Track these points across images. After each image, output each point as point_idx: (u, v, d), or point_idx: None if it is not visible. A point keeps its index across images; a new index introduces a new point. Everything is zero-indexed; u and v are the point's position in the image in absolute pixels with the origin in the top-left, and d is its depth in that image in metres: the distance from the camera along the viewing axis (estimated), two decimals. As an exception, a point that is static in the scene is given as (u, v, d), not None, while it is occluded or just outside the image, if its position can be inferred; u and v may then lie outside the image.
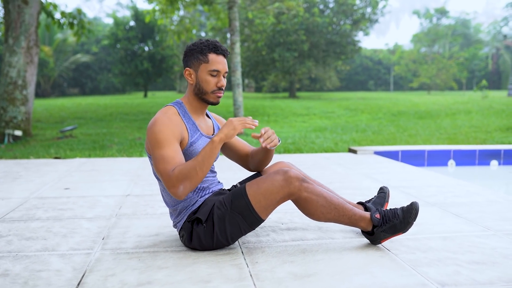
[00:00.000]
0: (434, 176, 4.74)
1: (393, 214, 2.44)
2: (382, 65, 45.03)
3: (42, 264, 2.23)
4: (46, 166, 5.47)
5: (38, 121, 12.44)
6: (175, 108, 2.38)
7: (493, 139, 8.61)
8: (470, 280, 2.05)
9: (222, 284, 1.99)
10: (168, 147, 2.21)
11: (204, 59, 2.35)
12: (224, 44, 24.44)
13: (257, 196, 2.29)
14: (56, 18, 10.23)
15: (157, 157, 2.21)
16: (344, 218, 2.41)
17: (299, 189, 2.30)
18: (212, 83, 2.36)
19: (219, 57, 2.36)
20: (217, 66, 2.35)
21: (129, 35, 27.56)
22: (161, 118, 2.28)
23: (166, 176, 2.17)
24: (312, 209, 2.36)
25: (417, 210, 2.40)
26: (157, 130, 2.24)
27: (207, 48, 2.35)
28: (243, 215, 2.31)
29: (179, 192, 2.17)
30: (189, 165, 2.18)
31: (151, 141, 2.25)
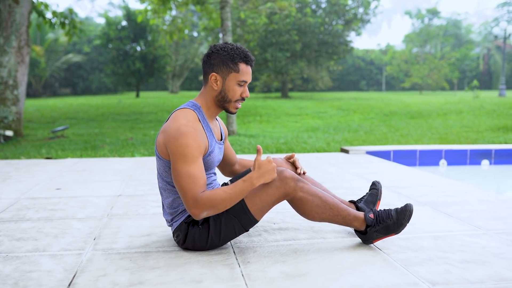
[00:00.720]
0: (426, 175, 4.75)
1: (387, 214, 2.44)
2: (374, 65, 45.20)
3: (33, 264, 2.22)
4: (37, 166, 5.44)
5: (30, 121, 12.37)
6: (195, 113, 2.32)
7: (484, 139, 8.66)
8: (461, 279, 2.06)
9: (213, 284, 1.99)
10: (195, 164, 2.17)
11: (235, 68, 2.29)
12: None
13: (253, 198, 2.29)
14: (47, 17, 10.18)
15: (180, 172, 2.16)
16: (338, 218, 2.41)
17: (294, 189, 2.31)
18: (238, 93, 2.33)
19: (248, 67, 2.33)
20: (246, 77, 2.32)
21: (121, 35, 27.50)
22: (188, 129, 2.19)
23: (191, 197, 2.14)
24: (307, 209, 2.36)
25: (411, 212, 2.40)
26: (184, 143, 2.16)
27: (239, 57, 2.29)
28: (239, 217, 2.31)
29: (201, 215, 2.17)
30: (221, 196, 2.16)
31: (175, 153, 2.18)
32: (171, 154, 2.20)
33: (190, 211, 2.16)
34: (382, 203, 3.35)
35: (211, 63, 2.31)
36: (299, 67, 26.29)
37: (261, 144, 7.81)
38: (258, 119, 13.45)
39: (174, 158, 2.18)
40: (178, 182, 2.17)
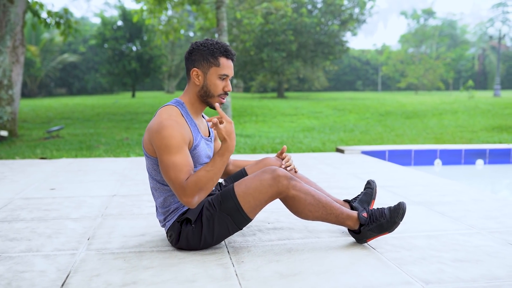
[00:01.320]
0: (420, 175, 4.77)
1: (380, 213, 2.45)
2: (370, 65, 45.27)
3: (26, 265, 2.21)
4: (31, 166, 5.43)
5: (24, 121, 12.33)
6: (177, 108, 2.33)
7: (478, 138, 8.68)
8: (453, 277, 2.07)
9: (207, 283, 1.99)
10: (180, 154, 2.18)
11: (215, 62, 2.31)
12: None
13: (246, 196, 2.29)
14: (42, 17, 10.14)
15: (167, 164, 2.17)
16: (331, 216, 2.41)
17: (287, 187, 2.31)
18: (220, 87, 2.34)
19: (228, 61, 2.34)
20: (227, 71, 2.33)
21: (117, 35, 27.47)
22: (170, 122, 2.20)
23: (179, 185, 2.15)
24: (300, 208, 2.37)
25: (404, 210, 2.41)
26: (167, 135, 2.18)
27: (219, 51, 2.31)
28: (232, 216, 2.31)
29: (193, 202, 2.17)
30: (205, 176, 2.17)
31: (159, 146, 2.19)
32: (156, 149, 2.22)
33: (182, 200, 2.17)
34: (376, 202, 3.36)
35: (192, 59, 2.34)
36: (295, 67, 26.30)
37: (256, 144, 7.81)
38: (254, 119, 13.44)
39: (159, 151, 2.20)
40: (166, 174, 2.18)
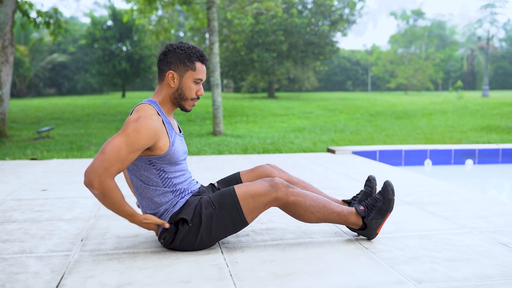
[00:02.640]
0: (411, 175, 4.80)
1: (374, 200, 2.55)
2: (360, 65, 45.46)
3: (20, 266, 2.21)
4: (22, 167, 5.40)
5: (14, 122, 12.25)
6: (154, 107, 2.35)
7: (468, 138, 8.76)
8: (445, 277, 2.09)
9: (202, 284, 2.00)
10: (130, 149, 2.17)
11: (191, 67, 2.35)
12: (203, 45, 24.37)
13: (245, 197, 2.34)
14: (31, 17, 10.09)
15: (115, 143, 2.15)
16: (333, 215, 2.46)
17: (286, 194, 2.37)
18: (194, 91, 2.39)
19: (203, 66, 2.40)
20: (202, 75, 2.38)
21: (107, 35, 27.35)
22: (146, 122, 2.21)
23: (104, 168, 2.11)
24: (301, 211, 2.41)
25: (391, 186, 2.54)
26: (135, 127, 2.18)
27: (195, 55, 2.36)
28: (231, 215, 2.34)
29: (90, 188, 2.13)
30: (117, 199, 2.18)
31: (123, 129, 2.20)
32: (122, 128, 2.22)
33: (90, 175, 2.11)
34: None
35: (168, 61, 2.36)
36: (286, 67, 26.36)
37: (248, 144, 7.82)
38: (245, 119, 13.45)
39: (119, 132, 2.21)
40: (105, 148, 2.15)
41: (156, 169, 2.33)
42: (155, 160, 2.31)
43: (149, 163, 2.32)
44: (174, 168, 2.38)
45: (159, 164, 2.33)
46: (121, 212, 2.24)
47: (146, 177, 2.35)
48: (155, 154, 2.29)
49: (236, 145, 7.72)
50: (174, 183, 2.38)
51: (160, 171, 2.34)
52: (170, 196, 2.38)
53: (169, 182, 2.37)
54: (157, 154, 2.29)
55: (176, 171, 2.40)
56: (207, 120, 12.81)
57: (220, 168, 5.25)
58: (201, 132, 10.15)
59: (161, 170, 2.34)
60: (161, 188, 2.36)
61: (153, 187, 2.35)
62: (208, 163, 5.71)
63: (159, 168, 2.33)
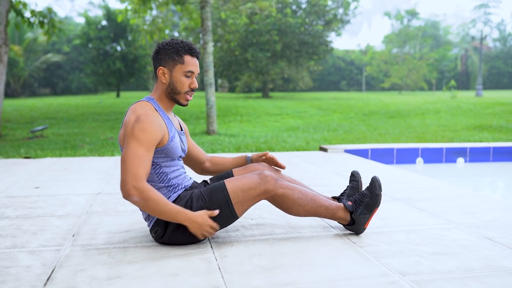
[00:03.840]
0: (401, 173, 4.85)
1: (361, 195, 2.60)
2: (354, 65, 45.59)
3: (11, 260, 2.24)
4: (16, 165, 5.42)
5: (8, 122, 12.24)
6: (151, 104, 2.40)
7: (460, 137, 8.82)
8: (430, 269, 2.13)
9: (190, 277, 2.03)
10: (146, 148, 2.22)
11: (179, 60, 2.39)
12: (197, 44, 24.38)
13: (235, 190, 2.38)
14: (26, 16, 10.08)
15: (131, 151, 2.20)
16: (321, 209, 2.52)
17: (275, 187, 2.41)
18: (186, 84, 2.41)
19: (193, 59, 2.42)
20: (192, 68, 2.41)
21: (101, 35, 27.32)
22: (146, 118, 2.26)
23: (133, 175, 2.16)
24: (290, 203, 2.46)
25: (379, 181, 2.58)
26: (141, 127, 2.23)
27: (183, 49, 2.39)
28: (221, 208, 2.38)
29: (130, 197, 2.16)
30: (160, 201, 2.18)
31: (131, 135, 2.23)
32: (126, 137, 2.25)
33: (125, 186, 2.15)
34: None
35: (159, 59, 2.42)
36: (280, 67, 26.41)
37: (241, 143, 7.86)
38: (239, 118, 13.49)
39: (128, 139, 2.24)
40: (124, 158, 2.19)
41: (152, 163, 2.37)
42: (154, 154, 2.36)
43: None
44: (170, 163, 2.43)
45: (156, 159, 2.38)
46: (169, 211, 2.22)
47: None
48: (156, 147, 2.35)
49: (229, 144, 7.75)
50: (169, 178, 2.43)
51: (155, 165, 2.39)
52: (164, 191, 2.43)
53: (164, 177, 2.42)
54: (157, 147, 2.35)
55: (172, 166, 2.45)
56: (201, 119, 12.84)
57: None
58: (195, 131, 10.18)
59: (157, 165, 2.39)
60: (156, 184, 2.41)
61: (149, 182, 2.40)
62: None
63: (155, 162, 2.38)
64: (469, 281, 2.01)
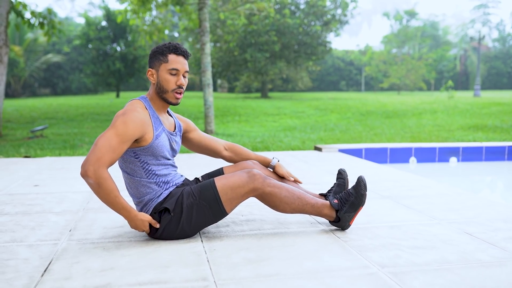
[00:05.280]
0: (392, 171, 4.96)
1: (347, 194, 2.69)
2: (353, 65, 45.67)
3: (10, 253, 2.35)
4: (15, 164, 5.53)
5: (8, 121, 12.36)
6: (142, 102, 2.53)
7: (454, 137, 8.93)
8: (408, 262, 2.25)
9: (180, 268, 2.15)
10: (121, 141, 2.33)
11: (164, 59, 2.50)
12: (196, 45, 24.43)
13: (224, 188, 2.50)
14: (26, 17, 10.20)
15: (106, 136, 2.32)
16: (307, 206, 2.63)
17: (263, 185, 2.52)
18: (172, 82, 2.51)
19: (178, 57, 2.52)
20: (176, 65, 2.51)
21: (101, 35, 27.43)
22: (131, 114, 2.39)
23: (97, 158, 2.27)
24: (277, 201, 2.57)
25: (364, 181, 2.66)
26: (122, 120, 2.35)
27: (168, 49, 2.51)
28: (210, 205, 2.50)
29: (86, 178, 2.28)
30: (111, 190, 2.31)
31: (113, 123, 2.36)
32: (110, 124, 2.39)
33: (85, 165, 2.27)
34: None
35: (149, 62, 2.56)
36: (279, 67, 26.53)
37: (238, 142, 7.96)
38: (237, 118, 13.60)
39: (109, 127, 2.37)
40: (97, 141, 2.32)
41: (139, 161, 2.49)
42: (139, 152, 2.47)
43: (134, 156, 2.48)
44: (157, 161, 2.53)
45: (143, 157, 2.49)
46: (116, 203, 2.36)
47: (131, 169, 2.51)
48: (139, 146, 2.46)
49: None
50: (157, 175, 2.54)
51: (143, 163, 2.50)
52: (154, 187, 2.53)
53: (152, 174, 2.53)
54: (142, 145, 2.46)
55: (160, 164, 2.55)
56: (199, 119, 12.95)
57: (208, 164, 5.40)
58: (193, 131, 10.27)
59: (145, 162, 2.50)
60: (145, 179, 2.52)
61: (138, 178, 2.51)
62: (197, 160, 5.85)
63: (142, 161, 2.49)
64: (443, 272, 2.12)
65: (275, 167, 2.91)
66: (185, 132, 2.84)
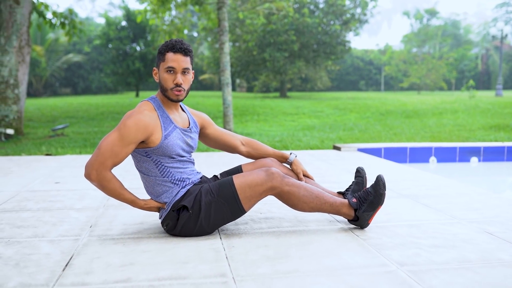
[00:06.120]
0: (411, 171, 4.93)
1: (366, 193, 2.68)
2: (373, 65, 45.36)
3: (33, 248, 2.40)
4: (37, 162, 5.62)
5: (30, 120, 12.54)
6: (150, 103, 2.54)
7: (475, 137, 8.82)
8: (427, 260, 2.23)
9: (198, 265, 2.16)
10: (124, 145, 2.38)
11: (162, 58, 2.52)
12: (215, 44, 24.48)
13: (242, 186, 2.50)
14: (47, 18, 10.35)
15: (110, 139, 2.38)
16: (326, 205, 2.62)
17: (281, 183, 2.52)
18: (170, 80, 2.51)
19: (176, 55, 2.49)
20: (171, 64, 2.49)
21: (121, 35, 27.64)
22: (136, 116, 2.42)
23: (100, 162, 2.36)
24: (295, 200, 2.57)
25: (383, 180, 2.64)
26: (126, 123, 2.39)
27: (166, 47, 2.51)
28: (228, 203, 2.51)
29: (90, 180, 2.42)
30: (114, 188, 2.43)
31: (119, 125, 2.41)
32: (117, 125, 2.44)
33: (88, 168, 2.39)
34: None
35: (155, 61, 2.59)
36: (297, 67, 26.45)
37: (256, 142, 7.97)
38: (256, 118, 13.61)
39: (114, 129, 2.42)
40: (101, 144, 2.39)
41: (152, 160, 2.51)
42: (150, 152, 2.50)
43: (146, 155, 2.51)
44: (170, 160, 2.54)
45: (154, 156, 2.51)
46: (121, 199, 2.48)
47: (146, 168, 2.54)
48: (149, 147, 2.48)
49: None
50: (173, 173, 2.55)
51: (157, 162, 2.52)
52: (170, 185, 2.55)
53: (167, 173, 2.54)
54: (151, 146, 2.48)
55: (174, 162, 2.56)
56: (218, 118, 12.99)
57: (226, 163, 5.42)
58: (212, 130, 10.31)
59: (158, 161, 2.52)
60: (160, 178, 2.54)
61: (152, 177, 2.54)
62: (216, 159, 5.88)
63: (155, 160, 2.51)
64: (463, 271, 2.10)
65: (292, 164, 2.90)
66: (201, 127, 2.84)
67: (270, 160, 2.87)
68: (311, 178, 2.93)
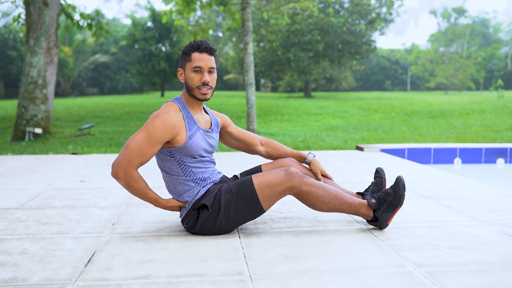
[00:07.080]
0: (434, 171, 4.89)
1: (385, 194, 2.68)
2: (399, 65, 44.85)
3: (57, 244, 2.47)
4: (63, 161, 5.74)
5: (58, 120, 12.79)
6: (176, 103, 2.59)
7: (502, 138, 8.69)
8: (446, 262, 2.22)
9: (217, 263, 2.20)
10: (151, 144, 2.43)
11: (188, 58, 2.57)
12: (239, 44, 24.55)
13: (262, 185, 2.53)
14: (75, 19, 10.55)
15: (137, 139, 2.43)
16: (345, 205, 2.63)
17: (300, 183, 2.54)
18: (196, 79, 2.56)
19: (202, 54, 2.55)
20: (198, 63, 2.55)
21: (147, 36, 27.93)
22: (163, 116, 2.47)
23: (127, 162, 2.41)
24: (313, 200, 2.58)
25: (403, 182, 2.65)
26: (153, 123, 2.45)
27: (191, 48, 2.56)
28: (247, 202, 2.54)
29: (116, 179, 2.45)
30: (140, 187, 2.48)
31: (146, 125, 2.46)
32: (144, 125, 2.49)
33: (116, 167, 2.42)
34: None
35: (180, 62, 2.64)
36: (322, 66, 26.34)
37: (279, 141, 7.98)
38: (280, 118, 13.63)
39: (141, 129, 2.47)
40: (128, 143, 2.44)
41: (176, 160, 2.56)
42: (174, 152, 2.55)
43: (169, 155, 2.56)
44: (193, 159, 2.59)
45: (178, 156, 2.56)
46: (146, 198, 2.53)
47: (169, 168, 2.59)
48: (174, 146, 2.53)
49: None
50: (195, 173, 2.60)
51: (180, 162, 2.57)
52: (192, 184, 2.60)
53: (189, 172, 2.59)
54: (175, 146, 2.53)
55: (196, 162, 2.61)
56: (242, 118, 13.05)
57: (248, 162, 5.45)
58: (235, 130, 10.36)
59: (181, 161, 2.57)
60: (182, 177, 2.58)
61: (175, 176, 2.59)
62: (238, 159, 5.92)
63: (179, 160, 2.56)
64: (481, 273, 2.09)
65: (310, 163, 2.92)
66: (222, 127, 2.89)
67: (290, 160, 2.90)
68: (330, 178, 2.94)
